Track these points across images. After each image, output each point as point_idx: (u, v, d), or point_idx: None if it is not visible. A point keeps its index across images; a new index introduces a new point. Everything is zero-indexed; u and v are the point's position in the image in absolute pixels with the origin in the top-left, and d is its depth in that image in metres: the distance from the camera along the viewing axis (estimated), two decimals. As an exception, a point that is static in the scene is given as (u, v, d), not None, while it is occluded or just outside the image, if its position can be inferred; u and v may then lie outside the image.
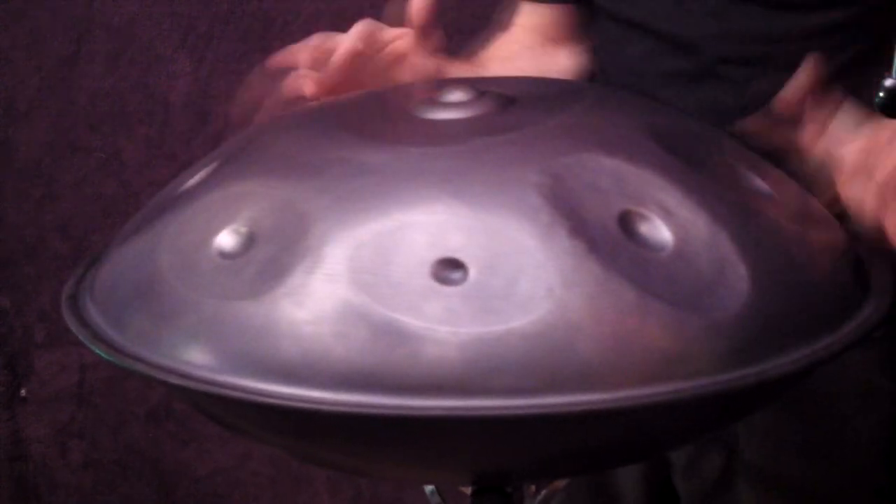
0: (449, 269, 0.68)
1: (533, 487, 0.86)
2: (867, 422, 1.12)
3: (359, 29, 0.98)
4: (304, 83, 0.95)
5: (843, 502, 1.12)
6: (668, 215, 0.72)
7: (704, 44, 1.02)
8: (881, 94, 0.87)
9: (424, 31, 1.00)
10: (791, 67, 0.94)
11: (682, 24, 1.02)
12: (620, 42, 1.08)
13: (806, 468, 1.11)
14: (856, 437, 1.12)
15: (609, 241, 0.69)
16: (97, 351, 0.74)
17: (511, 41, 1.13)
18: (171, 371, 0.71)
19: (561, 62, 1.12)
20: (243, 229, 0.73)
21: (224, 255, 0.73)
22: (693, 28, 1.02)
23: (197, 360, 0.70)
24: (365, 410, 0.66)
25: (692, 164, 0.77)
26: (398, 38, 1.00)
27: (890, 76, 0.86)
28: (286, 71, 0.97)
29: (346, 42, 0.97)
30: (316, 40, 0.98)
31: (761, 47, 1.02)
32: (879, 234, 0.81)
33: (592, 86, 0.97)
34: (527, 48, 1.12)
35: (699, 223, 0.72)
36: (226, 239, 0.73)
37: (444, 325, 0.66)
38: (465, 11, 1.42)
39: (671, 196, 0.73)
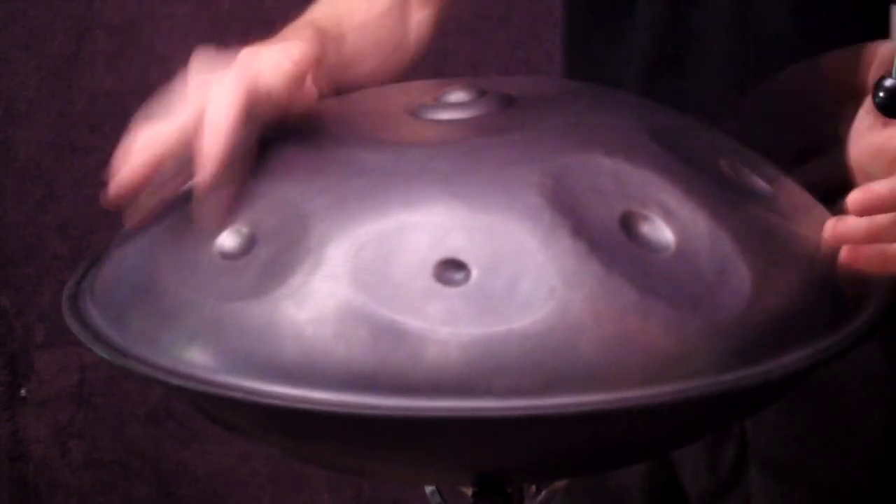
0: (450, 269, 0.68)
1: (533, 488, 0.86)
2: (874, 410, 1.12)
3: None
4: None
5: (852, 489, 1.13)
6: (669, 216, 0.72)
7: None
8: (881, 94, 0.86)
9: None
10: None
11: None
12: None
13: (816, 457, 1.11)
14: (863, 427, 1.12)
15: (610, 242, 0.69)
16: (97, 351, 0.74)
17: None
18: (171, 372, 0.71)
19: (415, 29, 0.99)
20: (244, 230, 0.73)
21: (225, 255, 0.73)
22: None
23: (197, 360, 0.70)
24: (366, 411, 0.66)
25: (693, 164, 0.77)
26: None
27: (890, 76, 0.86)
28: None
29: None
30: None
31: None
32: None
33: (592, 86, 0.97)
34: (384, 14, 0.97)
35: (700, 223, 0.72)
36: (226, 239, 0.73)
37: (445, 326, 0.66)
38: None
39: (672, 196, 0.73)
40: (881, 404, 1.12)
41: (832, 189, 0.83)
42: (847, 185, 0.83)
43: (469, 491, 0.79)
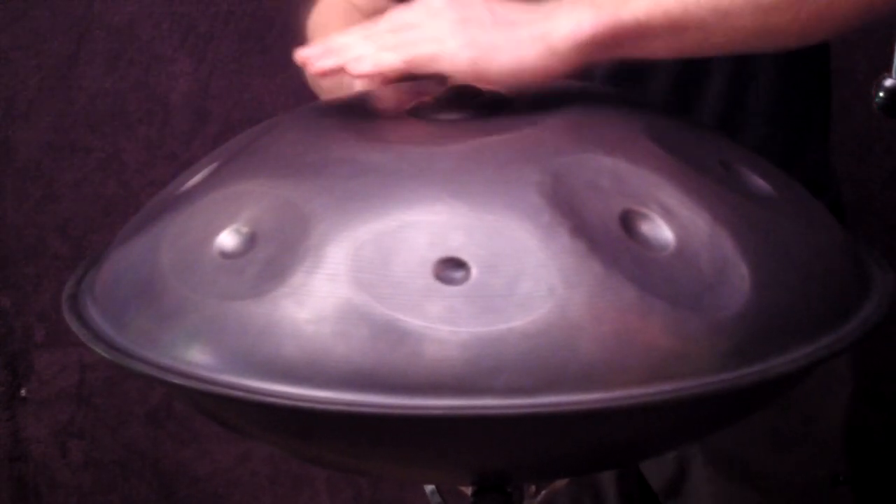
0: (450, 268, 0.68)
1: (533, 488, 0.86)
2: (829, 411, 1.13)
3: None
4: None
5: (805, 488, 1.13)
6: (668, 215, 0.72)
7: None
8: (881, 94, 0.86)
9: None
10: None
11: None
12: None
13: (771, 456, 1.11)
14: (819, 426, 1.12)
15: (610, 241, 0.69)
16: (98, 351, 0.74)
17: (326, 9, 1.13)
18: (172, 371, 0.71)
19: None
20: (244, 229, 0.73)
21: (225, 254, 0.73)
22: None
23: (198, 359, 0.70)
24: (366, 410, 0.66)
25: (691, 163, 0.77)
26: None
27: (890, 76, 0.86)
28: None
29: None
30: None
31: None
32: None
33: (591, 85, 0.97)
34: (339, 19, 1.12)
35: (700, 223, 0.72)
36: (227, 239, 0.73)
37: (445, 325, 0.66)
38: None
39: (671, 195, 0.73)
40: (837, 402, 1.13)
41: None
42: None
43: (469, 490, 0.79)
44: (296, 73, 1.71)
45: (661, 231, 0.71)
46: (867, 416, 1.66)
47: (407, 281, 0.68)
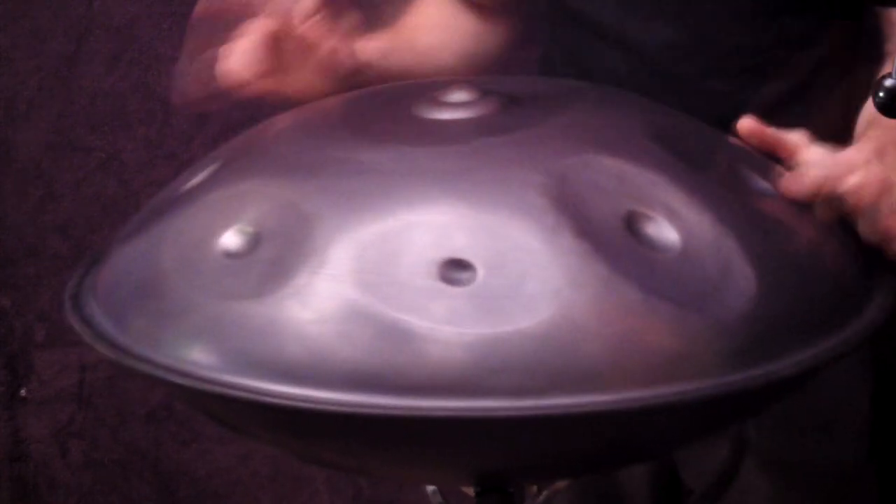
0: (455, 269, 0.68)
1: (535, 488, 0.86)
2: (858, 390, 1.13)
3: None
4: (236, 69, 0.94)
5: (844, 472, 1.14)
6: (673, 216, 0.72)
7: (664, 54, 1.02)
8: (881, 94, 0.86)
9: (333, 12, 0.96)
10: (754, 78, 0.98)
11: (637, 29, 1.02)
12: (588, 59, 1.07)
13: (806, 445, 1.12)
14: (849, 409, 1.13)
15: (614, 242, 0.69)
16: (100, 350, 0.74)
17: (434, 7, 1.09)
18: (174, 371, 0.71)
19: (488, 34, 1.09)
20: (248, 229, 0.73)
21: (228, 254, 0.73)
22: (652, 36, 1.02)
23: (200, 359, 0.70)
24: (369, 411, 0.66)
25: (696, 165, 0.77)
26: (307, 21, 0.96)
27: (890, 76, 0.86)
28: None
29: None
30: None
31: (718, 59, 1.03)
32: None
33: (594, 86, 0.97)
34: (452, 16, 1.09)
35: (705, 224, 0.72)
36: (230, 239, 0.73)
37: (449, 326, 0.66)
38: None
39: (676, 197, 0.73)
40: (865, 384, 1.13)
41: None
42: None
43: (470, 491, 0.79)
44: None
45: (665, 232, 0.71)
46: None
47: (411, 281, 0.68)
